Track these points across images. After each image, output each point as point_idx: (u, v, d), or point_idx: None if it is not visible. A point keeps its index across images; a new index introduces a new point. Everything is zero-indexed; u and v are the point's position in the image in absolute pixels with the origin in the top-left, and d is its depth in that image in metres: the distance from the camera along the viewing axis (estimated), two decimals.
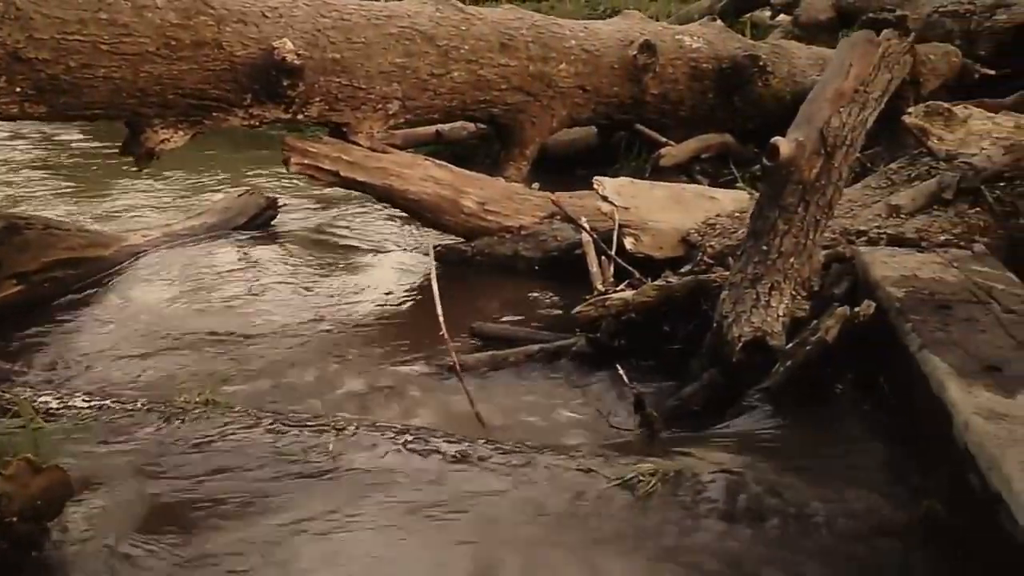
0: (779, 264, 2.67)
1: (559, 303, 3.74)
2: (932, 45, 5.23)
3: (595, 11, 10.39)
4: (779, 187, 2.69)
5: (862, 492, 1.96)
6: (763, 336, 2.57)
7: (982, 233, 3.22)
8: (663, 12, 10.45)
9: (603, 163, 5.69)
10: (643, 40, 4.78)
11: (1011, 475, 1.56)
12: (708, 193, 4.10)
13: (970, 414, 1.79)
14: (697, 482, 2.01)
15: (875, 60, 2.74)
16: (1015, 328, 2.26)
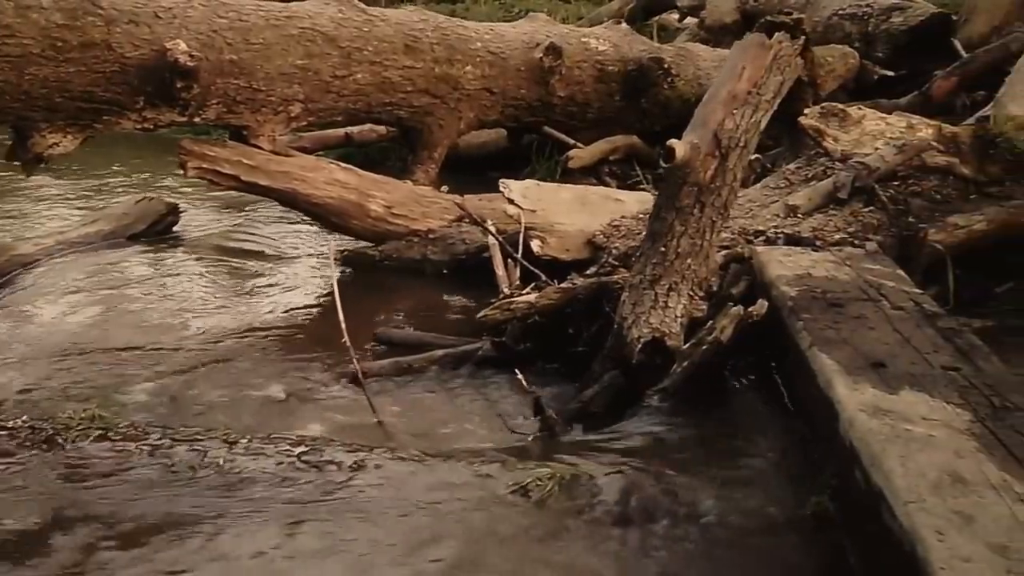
0: (676, 265, 2.69)
1: (468, 307, 3.72)
2: (830, 47, 5.38)
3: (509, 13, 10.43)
4: (675, 189, 2.71)
5: (754, 490, 1.99)
6: (661, 337, 2.58)
7: (875, 231, 3.31)
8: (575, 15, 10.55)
9: (516, 165, 5.70)
10: (549, 42, 4.78)
11: (892, 470, 1.59)
12: (613, 195, 4.13)
13: (855, 411, 1.82)
14: (593, 485, 2.01)
15: (767, 63, 2.79)
16: (902, 324, 2.33)
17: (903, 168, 3.69)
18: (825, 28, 6.22)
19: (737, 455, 2.18)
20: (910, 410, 1.82)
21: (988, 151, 3.80)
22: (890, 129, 3.79)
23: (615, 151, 5.32)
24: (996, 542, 1.37)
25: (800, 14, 4.55)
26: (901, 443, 1.68)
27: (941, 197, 3.69)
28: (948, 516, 1.44)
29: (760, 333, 2.62)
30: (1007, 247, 3.28)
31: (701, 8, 7.52)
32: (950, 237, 3.15)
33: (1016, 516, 1.43)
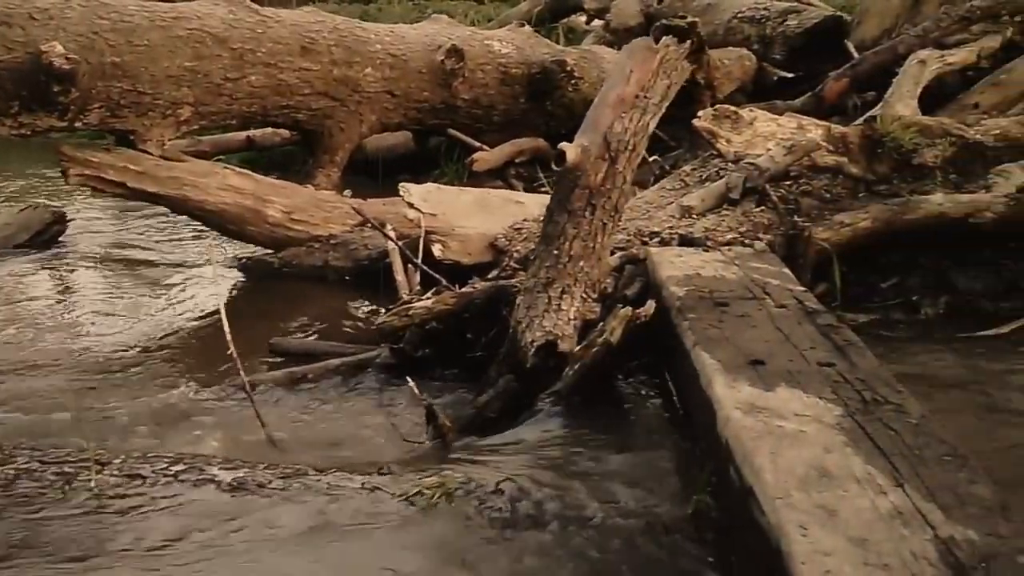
0: (569, 268, 2.69)
1: (370, 314, 3.66)
2: (727, 50, 5.50)
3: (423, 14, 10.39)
4: (567, 192, 2.72)
5: (640, 491, 1.99)
6: (554, 340, 2.58)
7: (766, 231, 3.38)
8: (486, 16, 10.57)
9: (424, 168, 5.67)
10: (450, 44, 4.77)
11: (762, 466, 1.61)
12: (515, 198, 4.13)
13: (731, 408, 1.84)
14: (482, 492, 1.99)
15: (654, 66, 2.82)
16: (783, 322, 2.38)
17: (794, 168, 3.79)
18: (725, 31, 6.35)
19: (626, 456, 2.19)
20: (784, 406, 1.85)
21: (876, 150, 3.93)
22: (781, 130, 3.88)
23: (521, 153, 5.33)
24: (856, 535, 1.39)
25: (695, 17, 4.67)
26: (773, 439, 1.70)
27: (831, 196, 3.80)
28: (812, 511, 1.46)
29: (651, 334, 2.66)
30: (892, 244, 3.38)
31: (607, 11, 7.60)
32: (837, 235, 3.24)
33: (877, 508, 1.46)
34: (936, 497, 1.49)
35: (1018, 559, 1.33)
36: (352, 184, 4.87)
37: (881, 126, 3.90)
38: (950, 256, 3.23)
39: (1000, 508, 1.47)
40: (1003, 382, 2.55)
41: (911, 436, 1.72)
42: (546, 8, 8.55)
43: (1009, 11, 4.88)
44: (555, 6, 8.53)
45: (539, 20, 8.43)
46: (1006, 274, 3.09)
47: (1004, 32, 5.02)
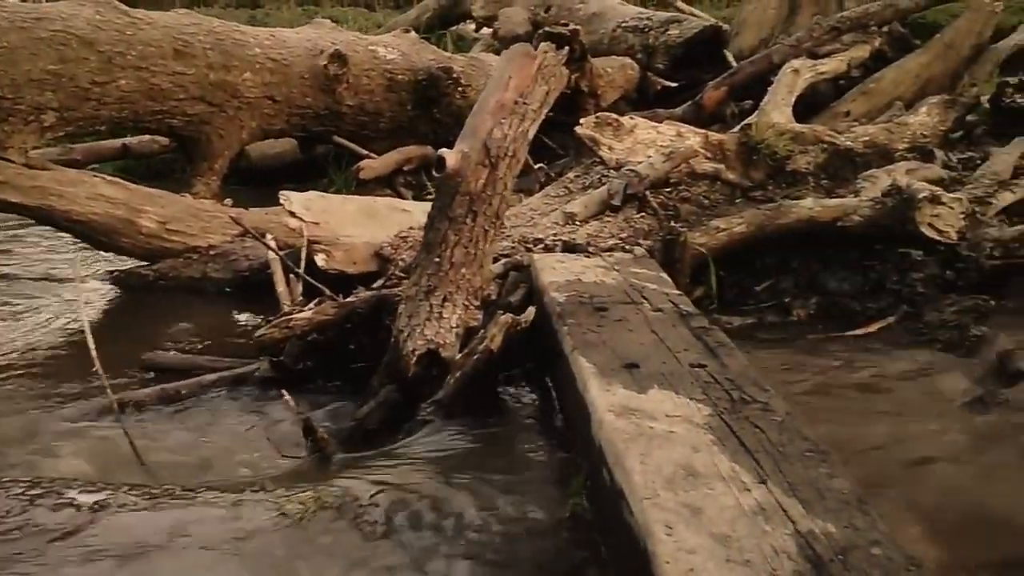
0: (451, 275, 2.67)
1: (252, 326, 3.55)
2: (610, 59, 5.60)
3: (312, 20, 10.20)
4: (448, 199, 2.70)
5: (519, 497, 1.99)
6: (436, 348, 2.56)
7: (647, 236, 3.44)
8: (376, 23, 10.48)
9: (313, 177, 5.55)
10: (334, 50, 4.69)
11: (632, 468, 1.62)
12: (401, 206, 4.09)
13: (604, 411, 1.86)
14: (358, 504, 1.95)
15: (532, 72, 2.83)
16: (659, 325, 2.42)
17: (674, 175, 3.88)
18: (610, 40, 6.48)
19: (506, 463, 2.18)
20: (656, 408, 1.88)
21: (752, 157, 4.07)
22: (661, 137, 3.97)
23: (409, 161, 5.28)
24: (720, 532, 1.42)
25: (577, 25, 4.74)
26: (644, 441, 1.72)
27: (709, 202, 3.91)
28: (679, 510, 1.48)
29: (533, 339, 2.67)
30: (767, 248, 3.49)
31: (495, 19, 7.64)
32: (713, 240, 3.33)
33: (741, 506, 1.49)
34: (797, 492, 1.54)
35: (873, 550, 1.38)
36: (237, 193, 4.73)
37: (756, 133, 4.04)
38: (821, 259, 3.36)
39: (857, 501, 1.52)
40: (869, 380, 2.66)
41: (776, 434, 1.76)
42: (435, 15, 8.54)
43: (876, 22, 5.14)
44: (444, 13, 8.53)
45: (428, 27, 8.42)
46: (872, 275, 3.23)
47: (872, 42, 5.29)
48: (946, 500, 1.95)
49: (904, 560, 1.35)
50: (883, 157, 4.23)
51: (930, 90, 4.97)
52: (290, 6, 17.66)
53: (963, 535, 1.83)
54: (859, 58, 5.20)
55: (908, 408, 2.43)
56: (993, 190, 3.52)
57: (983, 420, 2.33)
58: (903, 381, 2.61)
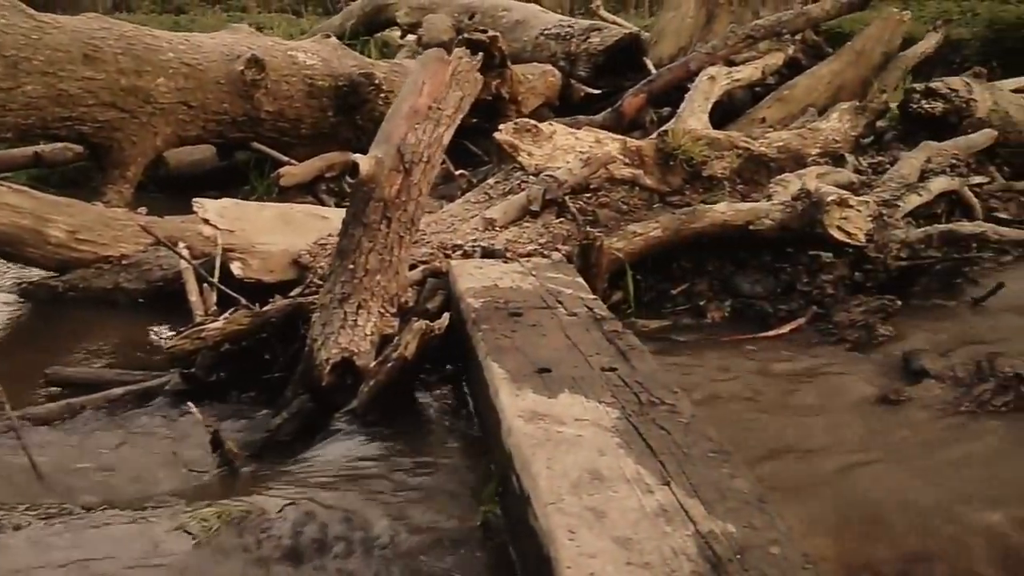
0: (366, 282, 2.64)
1: (164, 338, 3.45)
2: (531, 65, 5.62)
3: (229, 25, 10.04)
4: (362, 205, 2.67)
5: (432, 506, 1.97)
6: (350, 357, 2.52)
7: (565, 241, 3.45)
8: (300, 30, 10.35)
9: (234, 184, 5.44)
10: (251, 55, 4.60)
11: (538, 473, 1.62)
12: (320, 212, 4.03)
13: (514, 417, 1.85)
14: (264, 519, 1.90)
15: (446, 78, 2.82)
16: (572, 330, 2.42)
17: (594, 180, 3.91)
18: (534, 48, 6.51)
19: (420, 472, 2.16)
20: (565, 412, 1.88)
21: (669, 163, 4.13)
22: (580, 143, 4.00)
23: (331, 168, 5.21)
24: (622, 535, 1.42)
25: (496, 32, 4.75)
26: (551, 445, 1.72)
27: (628, 207, 3.96)
28: (582, 514, 1.48)
29: (451, 345, 2.65)
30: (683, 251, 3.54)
31: (420, 26, 7.60)
32: (630, 244, 3.35)
33: (644, 508, 1.50)
34: (700, 493, 1.55)
35: (771, 549, 1.39)
36: (155, 201, 4.60)
37: (673, 140, 4.10)
38: (735, 261, 3.42)
39: (758, 501, 1.54)
40: (779, 380, 2.71)
41: (681, 435, 1.78)
42: (359, 22, 8.47)
43: (789, 30, 5.27)
44: (369, 20, 8.46)
45: (353, 34, 8.34)
46: (784, 277, 3.30)
47: (785, 50, 5.43)
48: (850, 496, 1.99)
49: (800, 558, 1.38)
50: (796, 162, 4.34)
51: (842, 96, 5.12)
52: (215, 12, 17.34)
53: (867, 531, 1.87)
54: (773, 65, 5.33)
55: (815, 407, 2.48)
56: (900, 193, 3.63)
57: (888, 417, 2.39)
58: (812, 380, 2.67)
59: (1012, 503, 1.89)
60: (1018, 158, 4.81)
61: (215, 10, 18.36)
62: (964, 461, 2.09)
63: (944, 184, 3.80)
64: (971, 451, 2.14)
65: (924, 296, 3.25)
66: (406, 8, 8.11)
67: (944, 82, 4.68)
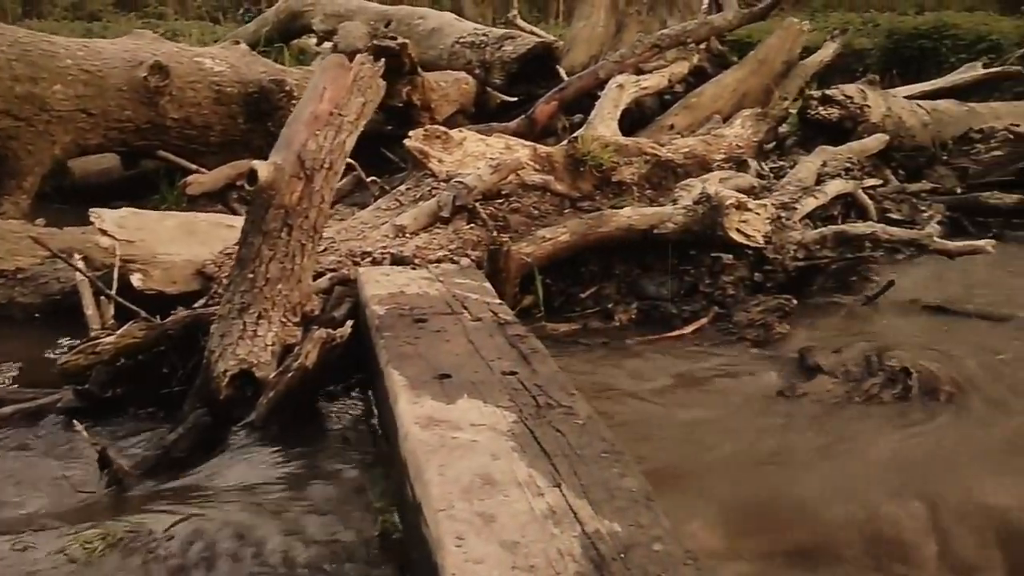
0: (266, 291, 2.59)
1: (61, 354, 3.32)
2: (445, 73, 5.62)
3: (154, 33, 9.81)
4: (262, 212, 2.62)
5: (329, 518, 1.93)
6: (249, 368, 2.47)
7: (475, 247, 3.46)
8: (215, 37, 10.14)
9: (143, 193, 5.28)
10: (154, 61, 4.49)
11: (431, 480, 1.61)
12: (225, 221, 3.93)
13: (411, 424, 1.84)
14: (152, 539, 1.84)
15: (348, 84, 2.80)
16: (476, 335, 2.42)
17: (504, 186, 3.93)
18: (449, 56, 6.50)
19: (320, 484, 2.12)
20: (463, 417, 1.87)
21: (579, 168, 4.18)
22: (490, 150, 4.01)
23: (241, 176, 5.08)
24: (510, 539, 1.42)
25: (404, 39, 4.74)
26: (445, 452, 1.71)
27: (539, 212, 3.98)
28: (472, 520, 1.47)
29: (356, 354, 2.62)
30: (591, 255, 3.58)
31: (335, 33, 7.52)
32: (539, 249, 3.37)
33: (534, 511, 1.50)
34: (589, 494, 1.56)
35: (654, 547, 1.41)
36: (59, 212, 4.44)
37: (582, 146, 4.15)
38: (641, 265, 3.47)
39: (645, 499, 1.55)
40: (681, 379, 2.76)
41: (576, 436, 1.79)
42: (274, 28, 8.33)
43: (694, 39, 5.40)
44: (284, 27, 8.33)
45: (268, 40, 8.21)
46: (688, 279, 3.37)
47: (691, 59, 5.55)
48: (740, 490, 2.04)
49: (683, 554, 1.40)
50: (702, 167, 4.44)
51: (747, 103, 5.26)
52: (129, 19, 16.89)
53: (755, 523, 1.91)
54: (679, 74, 5.45)
55: (714, 404, 2.54)
56: (798, 196, 3.75)
57: (781, 412, 2.46)
58: (712, 378, 2.73)
59: (895, 493, 1.96)
60: (912, 161, 5.03)
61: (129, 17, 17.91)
62: (850, 453, 2.16)
63: (839, 187, 3.93)
64: (857, 444, 2.21)
65: (821, 295, 3.36)
66: (321, 15, 8.02)
67: (840, 89, 4.86)
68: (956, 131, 5.40)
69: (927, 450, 2.17)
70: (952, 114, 5.51)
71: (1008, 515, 1.91)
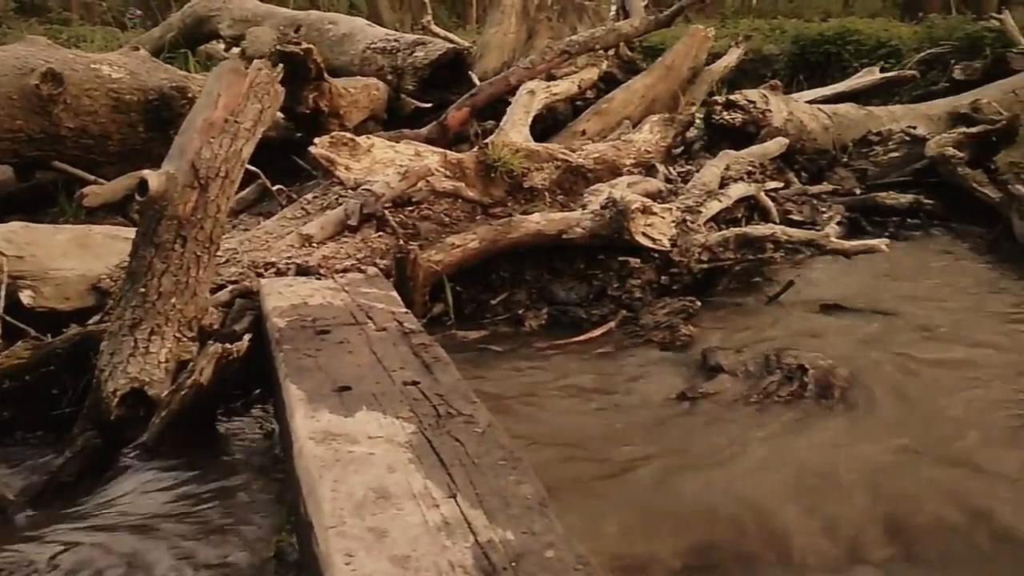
0: (159, 306, 2.50)
1: None
2: (354, 79, 5.55)
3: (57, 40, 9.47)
4: (153, 224, 2.54)
5: (223, 540, 1.87)
6: (141, 387, 2.38)
7: (384, 256, 3.41)
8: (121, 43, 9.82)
9: (42, 206, 5.06)
10: (46, 68, 4.30)
11: (323, 497, 1.56)
12: (122, 234, 3.78)
13: (305, 439, 1.79)
14: (34, 569, 1.75)
15: (243, 90, 2.73)
16: (379, 345, 2.38)
17: (415, 193, 3.89)
18: (361, 62, 6.41)
19: (214, 505, 2.05)
20: (360, 430, 1.83)
21: (490, 175, 4.17)
22: (399, 157, 3.97)
23: None
24: (401, 554, 1.39)
25: (309, 45, 4.66)
26: (340, 467, 1.67)
27: (450, 219, 3.95)
28: (363, 536, 1.44)
29: (258, 368, 2.55)
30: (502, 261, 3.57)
31: (244, 38, 7.36)
32: (449, 256, 3.35)
33: (427, 523, 1.48)
34: (484, 503, 1.54)
35: (546, 554, 1.40)
36: None
37: (493, 152, 4.14)
38: (551, 270, 3.48)
39: (540, 506, 1.54)
40: (587, 383, 2.77)
41: (474, 445, 1.77)
42: (180, 34, 8.09)
43: (602, 46, 5.45)
44: (190, 32, 8.10)
45: (174, 46, 7.98)
46: (596, 283, 3.39)
47: (600, 65, 5.60)
48: (638, 492, 2.05)
49: (574, 559, 1.39)
50: (612, 172, 4.48)
51: (656, 109, 5.33)
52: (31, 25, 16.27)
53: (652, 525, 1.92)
54: (590, 80, 5.49)
55: (619, 406, 2.55)
56: (702, 200, 3.81)
57: (683, 413, 2.49)
58: (619, 381, 2.74)
59: (788, 489, 2.00)
60: (814, 164, 5.18)
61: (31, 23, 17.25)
62: (745, 451, 2.19)
63: (742, 190, 4.02)
64: (753, 442, 2.25)
65: (725, 295, 3.42)
66: (229, 20, 7.83)
67: (743, 94, 4.97)
68: (856, 134, 5.58)
69: (819, 448, 2.22)
70: (852, 117, 5.70)
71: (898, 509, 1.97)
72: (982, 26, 8.73)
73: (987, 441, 2.29)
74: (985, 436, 2.31)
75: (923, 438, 2.28)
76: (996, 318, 3.31)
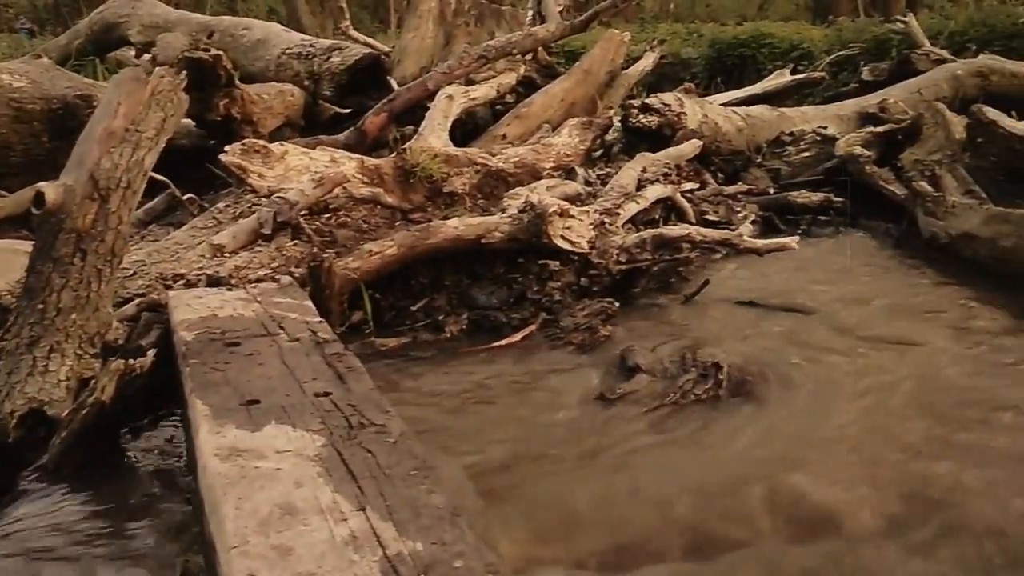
0: (59, 323, 2.41)
1: None
2: (268, 85, 5.45)
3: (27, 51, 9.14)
4: (50, 237, 2.44)
5: (125, 565, 1.80)
6: (40, 406, 2.28)
7: (300, 264, 3.34)
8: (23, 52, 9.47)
9: None
10: None
11: (226, 515, 1.51)
12: (23, 248, 3.62)
13: (210, 456, 1.73)
14: None
15: (145, 98, 2.64)
16: (291, 356, 2.32)
17: (332, 200, 3.83)
18: (276, 67, 6.31)
19: (116, 527, 1.97)
20: (268, 445, 1.78)
21: (409, 180, 4.14)
22: (314, 163, 3.90)
23: None
24: (306, 571, 1.35)
25: (219, 50, 4.56)
26: (245, 484, 1.62)
27: (368, 226, 3.90)
28: (266, 554, 1.39)
29: (167, 384, 2.47)
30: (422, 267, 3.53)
31: (155, 45, 7.16)
32: (367, 263, 3.30)
33: (334, 538, 1.44)
34: (394, 515, 1.51)
35: (455, 563, 1.38)
36: None
37: (411, 157, 4.11)
38: (471, 275, 3.46)
39: (451, 515, 1.52)
40: (508, 386, 2.76)
41: (386, 456, 1.74)
42: (88, 41, 7.84)
43: (519, 50, 5.47)
44: (98, 39, 7.86)
45: (81, 53, 7.73)
46: (516, 287, 3.38)
47: (517, 69, 5.62)
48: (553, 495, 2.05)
49: (484, 568, 1.37)
50: (533, 176, 4.49)
51: (575, 113, 5.36)
52: None
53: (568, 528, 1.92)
54: (508, 84, 5.50)
55: (538, 410, 2.54)
56: (620, 202, 3.84)
57: (601, 414, 2.49)
58: (538, 384, 2.74)
59: (704, 488, 2.02)
60: (729, 165, 5.28)
61: None
62: (661, 451, 2.21)
63: (659, 191, 4.07)
64: (667, 441, 2.27)
65: (644, 296, 3.45)
66: (139, 26, 7.63)
67: (659, 97, 5.04)
68: (769, 135, 5.71)
69: (732, 444, 2.25)
70: (765, 119, 5.83)
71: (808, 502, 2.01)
72: (888, 28, 9.03)
73: (892, 433, 2.35)
74: (892, 427, 2.38)
75: (828, 432, 2.33)
76: (906, 312, 3.41)
